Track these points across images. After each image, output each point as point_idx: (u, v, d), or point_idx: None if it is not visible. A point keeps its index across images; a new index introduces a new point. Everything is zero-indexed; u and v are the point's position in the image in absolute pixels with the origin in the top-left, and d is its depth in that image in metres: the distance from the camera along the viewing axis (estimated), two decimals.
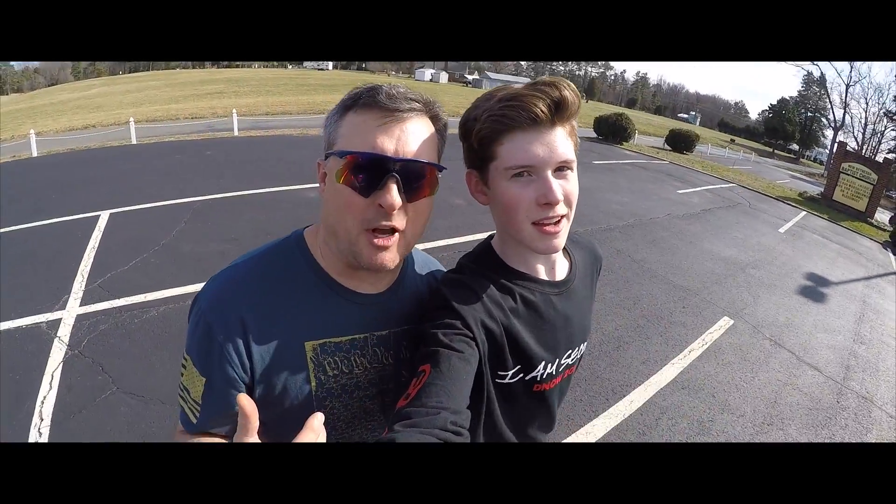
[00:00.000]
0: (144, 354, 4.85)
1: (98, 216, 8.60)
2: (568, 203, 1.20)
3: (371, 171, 1.08)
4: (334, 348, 1.19)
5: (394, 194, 1.08)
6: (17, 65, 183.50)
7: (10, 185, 10.54)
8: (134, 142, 16.28)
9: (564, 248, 1.40)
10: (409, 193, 1.12)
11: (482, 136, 1.19)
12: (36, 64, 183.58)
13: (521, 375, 1.26)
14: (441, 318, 1.15)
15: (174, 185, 10.43)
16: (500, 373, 1.23)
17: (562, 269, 1.40)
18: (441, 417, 0.94)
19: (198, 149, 15.15)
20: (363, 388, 1.23)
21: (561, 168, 1.18)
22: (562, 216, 1.19)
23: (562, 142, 1.17)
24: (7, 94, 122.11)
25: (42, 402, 4.18)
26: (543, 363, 1.29)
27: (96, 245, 7.37)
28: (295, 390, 1.16)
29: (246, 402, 0.76)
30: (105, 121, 26.46)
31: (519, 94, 1.14)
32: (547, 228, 1.18)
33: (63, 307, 5.60)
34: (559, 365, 1.34)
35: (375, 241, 1.12)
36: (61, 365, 4.64)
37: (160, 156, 14.08)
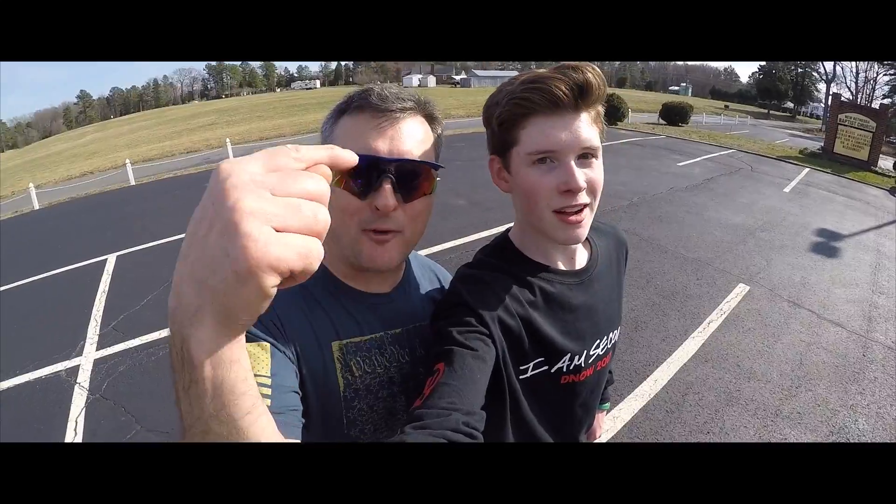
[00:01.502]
0: (164, 391, 4.83)
1: (105, 260, 8.69)
2: (591, 192, 1.17)
3: (366, 174, 1.08)
4: (355, 348, 1.17)
5: (388, 195, 1.07)
6: (7, 121, 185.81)
7: (15, 240, 10.63)
8: (132, 183, 16.40)
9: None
10: (406, 193, 1.11)
11: (503, 119, 1.17)
12: (28, 118, 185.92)
13: (546, 368, 1.23)
14: (456, 315, 1.13)
15: (176, 221, 10.48)
16: (521, 367, 1.20)
17: (581, 257, 1.37)
18: (452, 419, 0.92)
19: (196, 182, 15.22)
20: (386, 388, 1.21)
21: (585, 155, 1.15)
22: (584, 205, 1.16)
23: (586, 127, 1.14)
24: (3, 152, 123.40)
25: None
26: (569, 354, 1.26)
27: (107, 289, 7.44)
28: (324, 389, 1.13)
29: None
30: (102, 166, 26.72)
31: (541, 77, 1.11)
32: (570, 218, 1.16)
33: (80, 353, 5.66)
34: (588, 356, 1.31)
35: (375, 238, 1.12)
36: (83, 410, 4.68)
37: (160, 194, 14.19)
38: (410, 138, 1.13)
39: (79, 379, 5.15)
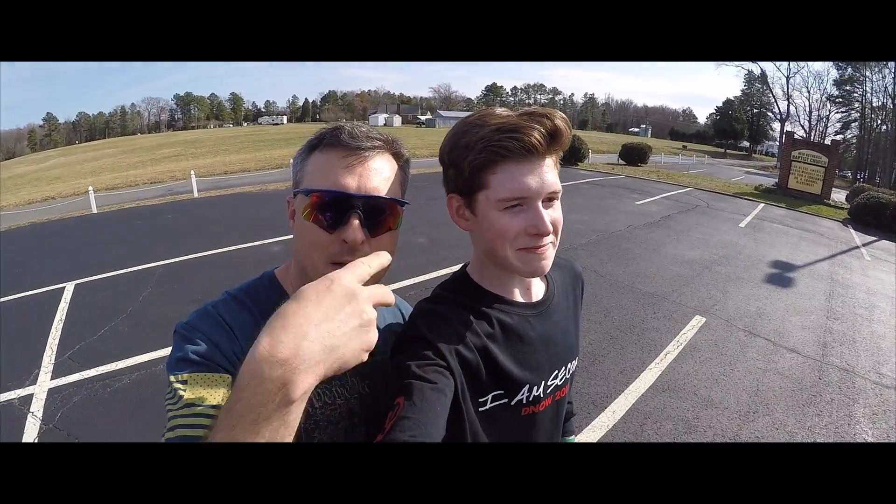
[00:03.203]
0: (118, 423, 4.74)
1: (64, 287, 8.47)
2: (555, 231, 1.21)
3: (335, 208, 1.12)
4: None
5: (356, 230, 1.11)
6: None
7: None
8: (94, 211, 16.08)
9: None
10: (372, 228, 1.15)
11: (476, 165, 1.17)
12: None
13: (506, 400, 1.24)
14: (414, 349, 1.14)
15: (138, 251, 10.31)
16: (480, 399, 1.21)
17: (538, 290, 1.40)
18: None
19: (159, 213, 15.01)
20: (346, 419, 1.23)
21: (550, 198, 1.19)
22: (549, 243, 1.21)
23: (550, 172, 1.18)
24: None
25: None
26: (528, 385, 1.26)
27: (63, 317, 7.24)
28: None
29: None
30: (64, 191, 26.13)
31: (517, 126, 1.12)
32: (536, 251, 1.19)
33: (34, 382, 5.48)
34: (546, 387, 1.32)
35: None
36: (36, 440, 4.53)
37: (122, 223, 13.94)
38: (378, 175, 1.16)
39: (32, 408, 4.99)
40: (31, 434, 4.60)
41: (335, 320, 0.71)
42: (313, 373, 0.69)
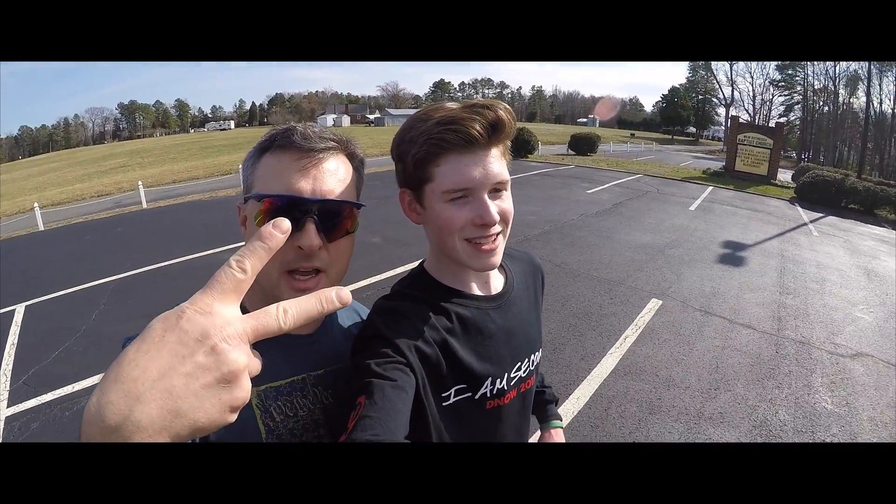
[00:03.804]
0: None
1: (14, 310, 8.22)
2: (504, 221, 1.21)
3: (289, 213, 1.04)
4: (276, 393, 1.15)
5: (312, 236, 1.07)
6: None
7: None
8: (41, 228, 15.62)
9: (500, 263, 1.36)
10: (329, 233, 1.11)
11: (418, 158, 1.17)
12: None
13: (469, 394, 1.24)
14: (373, 348, 1.13)
15: (88, 267, 10.04)
16: (442, 395, 1.21)
17: (497, 283, 1.39)
18: None
19: (108, 227, 14.64)
20: (311, 430, 1.18)
21: (496, 188, 1.18)
22: (497, 234, 1.20)
23: (496, 162, 1.17)
24: None
25: None
26: (490, 378, 1.26)
27: (16, 341, 7.03)
28: (244, 438, 1.09)
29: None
30: (8, 210, 25.36)
31: (457, 118, 1.12)
32: (483, 247, 1.19)
33: None
34: (510, 379, 1.32)
35: (297, 283, 1.11)
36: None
37: (70, 239, 13.57)
38: (333, 177, 1.13)
39: None
40: None
41: (178, 374, 0.50)
42: (145, 439, 0.50)
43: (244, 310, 0.99)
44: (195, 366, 0.51)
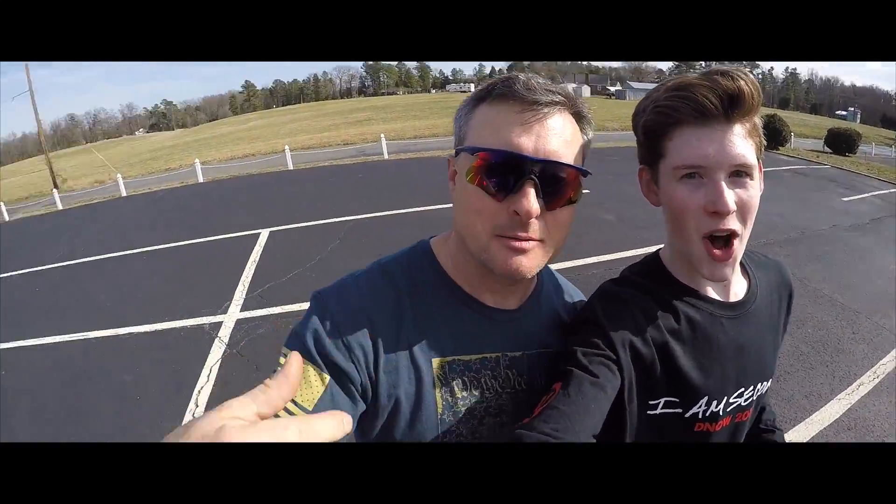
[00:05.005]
0: None
1: (259, 234, 9.29)
2: (742, 217, 1.03)
3: (506, 173, 0.95)
4: (463, 367, 1.06)
5: (531, 200, 0.94)
6: (178, 103, 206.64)
7: (181, 206, 11.44)
8: (290, 167, 17.39)
9: (744, 265, 1.25)
10: (549, 199, 0.97)
11: (647, 128, 1.08)
12: (196, 102, 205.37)
13: (680, 410, 1.11)
14: (585, 335, 1.06)
15: (329, 206, 11.04)
16: (650, 402, 1.10)
17: (739, 289, 1.22)
18: None
19: (350, 172, 15.94)
20: (493, 415, 1.09)
21: (737, 173, 1.02)
22: (733, 231, 1.03)
23: (739, 141, 1.01)
24: (173, 130, 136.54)
25: (199, 392, 4.74)
26: (707, 398, 1.11)
27: (257, 259, 7.99)
28: (418, 410, 1.03)
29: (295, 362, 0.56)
30: (263, 150, 28.55)
31: (687, 84, 1.01)
32: (716, 252, 1.04)
33: (225, 312, 6.16)
34: (727, 404, 1.15)
35: (510, 243, 0.98)
36: (219, 361, 5.19)
37: (315, 179, 14.97)
38: (558, 137, 0.97)
39: (220, 334, 5.62)
40: (215, 356, 5.18)
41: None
42: None
43: (440, 269, 1.14)
44: None
